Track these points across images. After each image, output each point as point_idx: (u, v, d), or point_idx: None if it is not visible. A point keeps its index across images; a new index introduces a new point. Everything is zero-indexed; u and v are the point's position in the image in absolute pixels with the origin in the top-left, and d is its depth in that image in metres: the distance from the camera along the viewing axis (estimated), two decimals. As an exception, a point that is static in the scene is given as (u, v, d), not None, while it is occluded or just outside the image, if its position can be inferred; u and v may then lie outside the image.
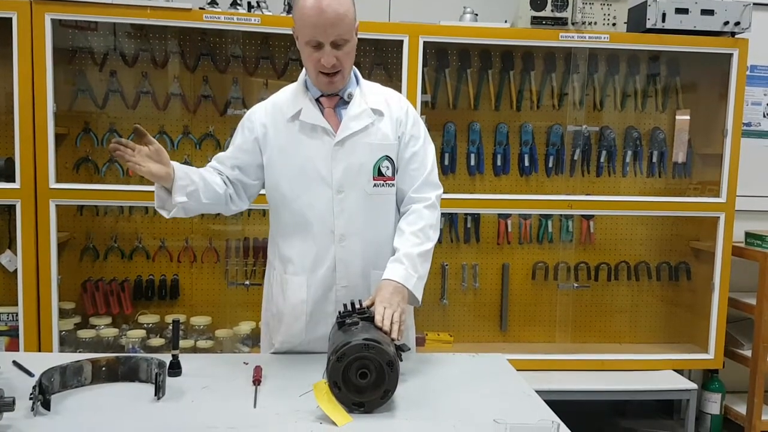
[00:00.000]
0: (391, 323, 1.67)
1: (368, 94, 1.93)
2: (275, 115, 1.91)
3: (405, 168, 1.94)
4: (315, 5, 1.73)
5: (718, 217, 3.28)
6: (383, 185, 1.91)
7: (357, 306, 1.74)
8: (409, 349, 1.79)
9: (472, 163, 3.47)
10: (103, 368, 1.69)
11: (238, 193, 1.96)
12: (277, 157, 1.90)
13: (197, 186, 1.81)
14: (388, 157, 1.91)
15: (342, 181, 1.87)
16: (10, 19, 2.78)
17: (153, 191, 3.00)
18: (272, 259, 2.02)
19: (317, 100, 1.90)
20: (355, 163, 1.87)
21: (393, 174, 1.93)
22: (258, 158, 1.93)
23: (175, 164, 1.78)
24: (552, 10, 3.13)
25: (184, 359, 1.78)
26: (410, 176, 1.94)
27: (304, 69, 1.93)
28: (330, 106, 1.90)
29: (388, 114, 1.93)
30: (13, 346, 3.00)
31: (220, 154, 1.98)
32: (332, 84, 1.84)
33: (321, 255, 1.88)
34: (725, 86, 3.26)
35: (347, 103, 1.90)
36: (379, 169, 1.90)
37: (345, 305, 1.74)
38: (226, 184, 1.93)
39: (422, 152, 1.96)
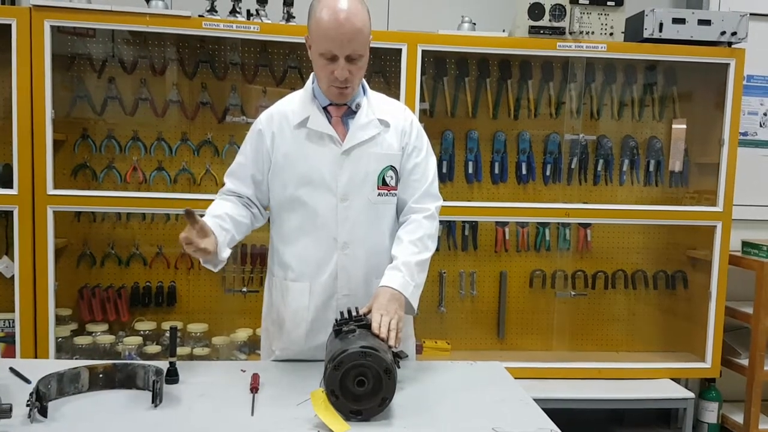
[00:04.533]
0: (389, 330, 1.67)
1: (375, 105, 1.94)
2: (282, 122, 1.91)
3: (407, 178, 1.96)
4: (333, 18, 1.73)
5: (715, 226, 3.29)
6: (387, 194, 1.93)
7: (354, 313, 1.74)
8: (407, 356, 1.80)
9: (470, 171, 3.48)
10: (100, 375, 1.69)
11: (259, 209, 1.99)
12: (283, 163, 1.90)
13: (232, 232, 1.85)
14: (392, 167, 1.92)
15: (347, 189, 1.88)
16: (9, 26, 2.79)
17: (151, 197, 3.03)
18: (272, 265, 2.01)
19: (325, 108, 1.91)
20: (361, 171, 1.88)
21: (396, 184, 1.94)
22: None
23: (208, 222, 1.77)
24: (550, 20, 3.14)
25: (181, 366, 1.78)
26: (411, 187, 1.96)
27: (311, 76, 1.94)
28: (337, 115, 1.91)
29: (394, 125, 1.94)
30: (9, 353, 2.99)
31: (234, 168, 1.96)
32: (342, 95, 1.85)
33: (323, 262, 1.88)
34: (722, 96, 3.27)
35: (354, 112, 1.91)
36: (383, 179, 1.91)
37: (342, 313, 1.74)
38: (247, 206, 1.95)
39: (424, 163, 1.98)
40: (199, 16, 2.98)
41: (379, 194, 1.91)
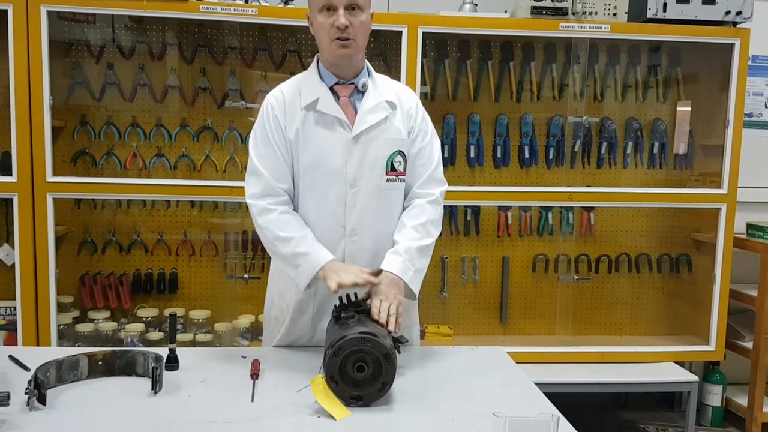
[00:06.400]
0: (388, 315, 1.66)
1: (381, 86, 1.92)
2: (291, 103, 1.86)
3: (412, 163, 1.93)
4: None
5: (720, 209, 3.26)
6: (395, 180, 1.90)
7: (353, 299, 1.73)
8: (408, 340, 1.78)
9: (472, 155, 3.45)
10: (100, 362, 1.69)
11: None
12: (293, 147, 1.86)
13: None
14: (400, 152, 1.90)
15: (356, 175, 1.85)
16: (5, 11, 2.75)
17: (151, 184, 3.01)
18: None
19: (331, 89, 1.87)
20: (370, 157, 1.86)
21: (404, 169, 1.91)
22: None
23: (322, 252, 1.82)
24: (552, 0, 3.10)
25: (182, 353, 1.77)
26: (417, 171, 1.93)
27: (315, 57, 1.91)
28: (345, 95, 1.87)
29: (400, 107, 1.92)
30: (11, 341, 3.00)
31: (272, 161, 1.86)
32: (345, 49, 1.79)
33: (330, 249, 1.84)
34: (726, 77, 3.23)
35: (361, 93, 1.88)
36: (392, 164, 1.88)
37: (341, 298, 1.73)
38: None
39: (429, 147, 1.95)
40: (197, -1, 2.94)
41: (387, 180, 1.88)
